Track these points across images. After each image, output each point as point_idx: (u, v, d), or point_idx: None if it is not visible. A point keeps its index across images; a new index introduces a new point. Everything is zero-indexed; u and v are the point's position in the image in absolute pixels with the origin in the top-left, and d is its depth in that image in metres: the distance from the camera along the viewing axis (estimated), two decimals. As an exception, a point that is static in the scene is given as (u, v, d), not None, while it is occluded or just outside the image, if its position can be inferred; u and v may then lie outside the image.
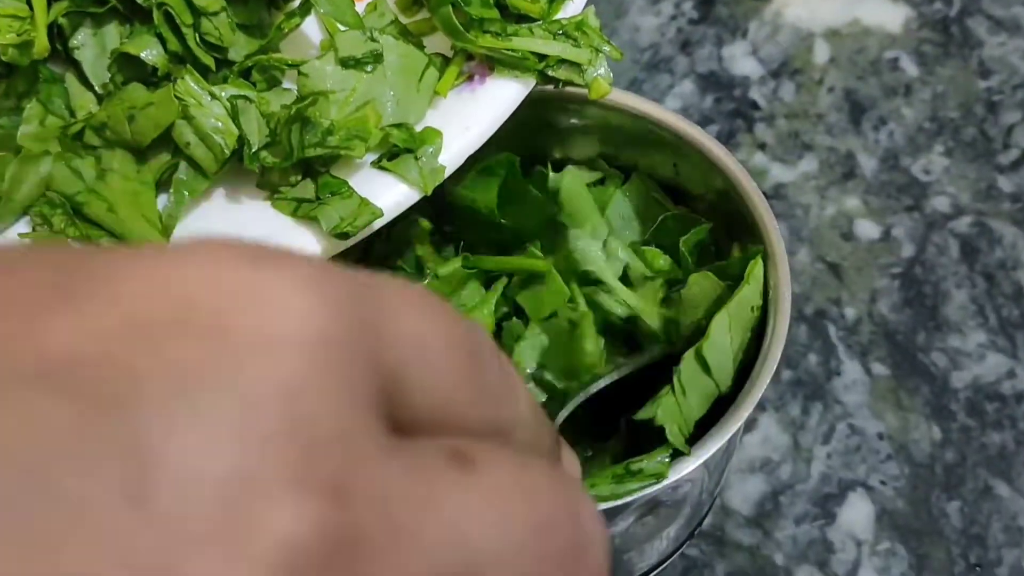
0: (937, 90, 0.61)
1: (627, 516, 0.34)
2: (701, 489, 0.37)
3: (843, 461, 0.49)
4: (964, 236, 0.55)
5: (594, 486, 0.31)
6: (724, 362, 0.35)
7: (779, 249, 0.36)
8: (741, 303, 0.35)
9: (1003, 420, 0.50)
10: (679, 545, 0.41)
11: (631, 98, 0.40)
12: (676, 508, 0.36)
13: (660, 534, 0.38)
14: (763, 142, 0.59)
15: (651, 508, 0.34)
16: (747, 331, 0.36)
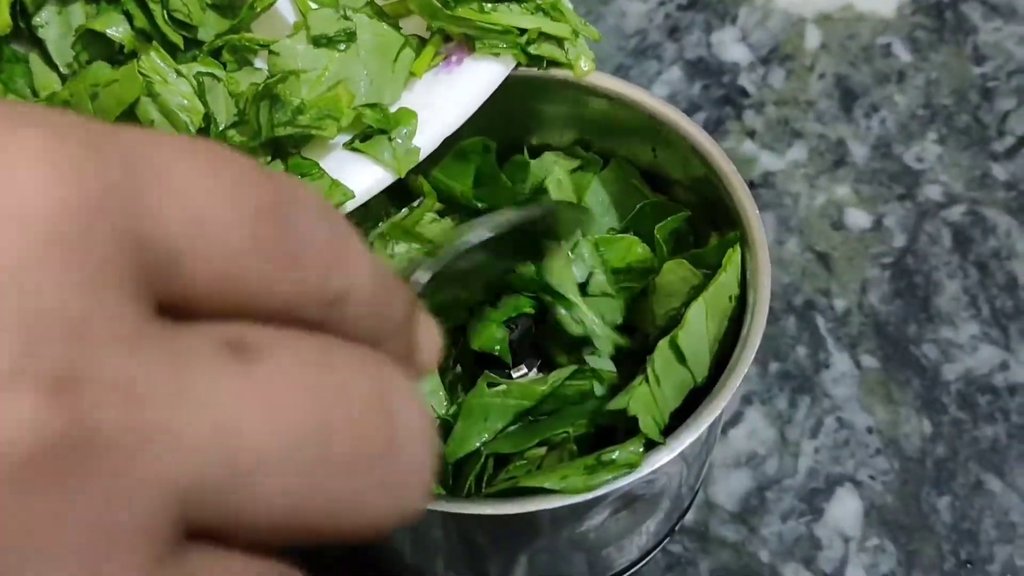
0: (930, 76, 0.59)
1: (601, 510, 0.32)
2: (680, 482, 0.36)
3: (831, 455, 0.48)
4: (957, 225, 0.54)
5: (565, 478, 0.30)
6: (700, 352, 0.34)
7: (759, 236, 0.34)
8: (718, 291, 0.34)
9: (995, 413, 0.48)
10: (660, 540, 0.40)
11: (609, 80, 0.38)
12: (654, 502, 0.35)
13: (639, 528, 0.37)
14: (752, 129, 0.58)
15: (627, 502, 0.33)
16: (724, 320, 0.34)
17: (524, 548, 0.35)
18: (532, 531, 0.33)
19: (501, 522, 0.32)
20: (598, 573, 0.39)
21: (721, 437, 0.48)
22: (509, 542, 0.34)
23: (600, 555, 0.37)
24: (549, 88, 0.39)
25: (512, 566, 0.36)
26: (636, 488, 0.33)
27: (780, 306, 0.51)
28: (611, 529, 0.35)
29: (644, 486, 0.33)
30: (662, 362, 0.33)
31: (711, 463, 0.47)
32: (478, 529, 0.33)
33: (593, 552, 0.37)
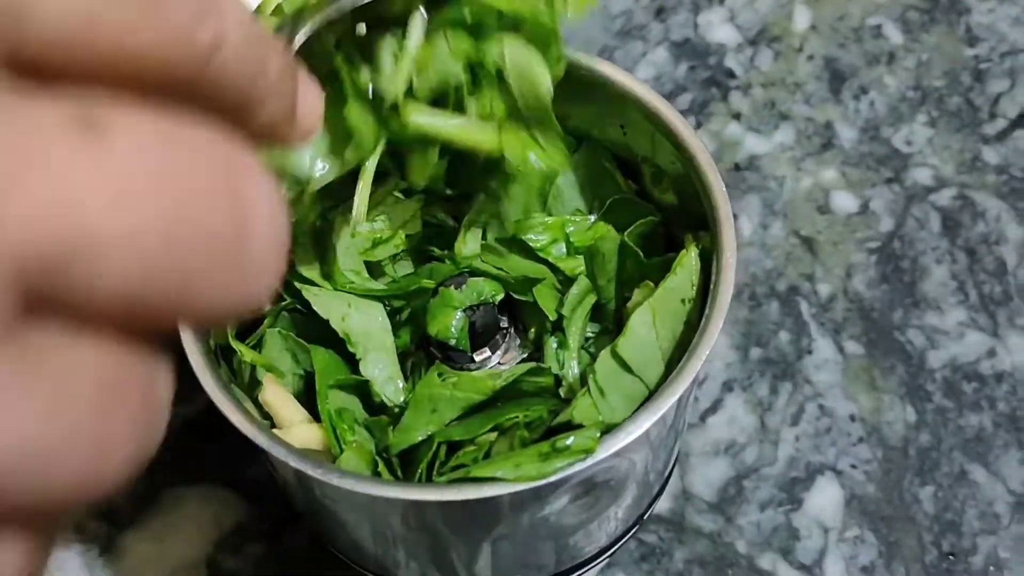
0: (922, 58, 0.58)
1: (559, 496, 0.31)
2: (646, 468, 0.35)
3: (812, 444, 0.46)
4: (946, 209, 0.53)
5: (518, 466, 0.29)
6: (649, 358, 0.32)
7: (726, 225, 0.33)
8: (666, 296, 0.33)
9: (981, 401, 0.47)
10: (631, 527, 0.39)
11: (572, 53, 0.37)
12: (618, 488, 0.34)
13: (605, 515, 0.35)
14: (738, 112, 0.56)
15: (588, 488, 0.32)
16: (680, 323, 0.33)
17: (483, 536, 0.33)
18: (489, 518, 0.32)
19: (454, 509, 0.31)
20: (566, 560, 0.38)
21: (700, 424, 0.47)
22: (466, 530, 0.33)
23: (567, 542, 0.36)
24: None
25: (475, 555, 0.35)
26: (597, 475, 0.32)
27: (763, 291, 0.50)
28: (575, 515, 0.34)
29: (605, 472, 0.32)
30: (604, 372, 0.32)
31: (688, 452, 0.46)
32: (431, 516, 0.32)
33: (559, 539, 0.36)
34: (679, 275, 0.33)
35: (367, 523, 0.34)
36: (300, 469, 0.29)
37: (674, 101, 0.57)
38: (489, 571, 0.36)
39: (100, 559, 0.44)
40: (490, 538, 0.34)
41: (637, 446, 0.32)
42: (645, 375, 0.32)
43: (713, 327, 0.31)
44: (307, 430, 0.34)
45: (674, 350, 0.33)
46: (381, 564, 0.37)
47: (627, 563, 0.44)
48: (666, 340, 0.33)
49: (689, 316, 0.33)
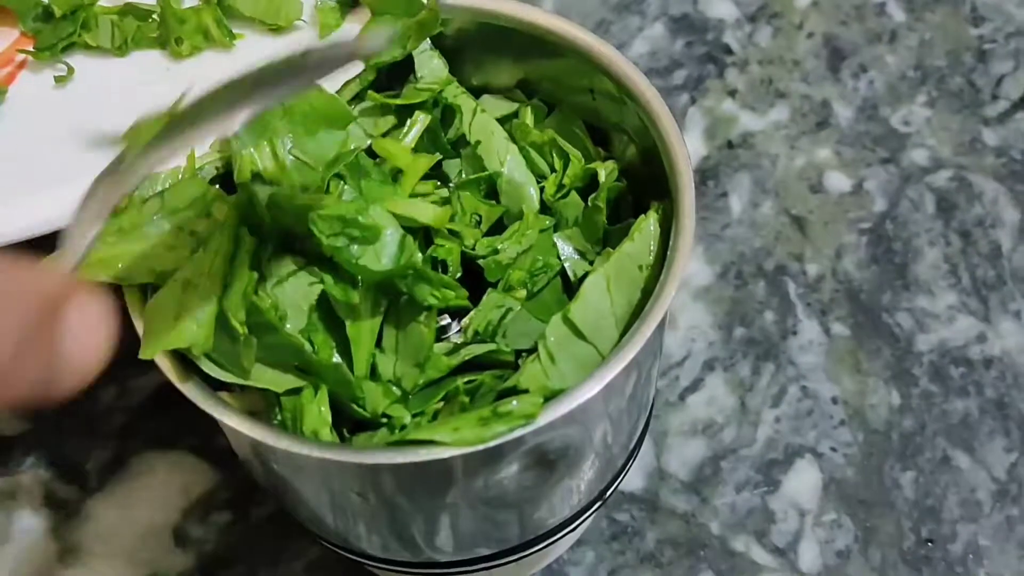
0: (924, 37, 0.57)
1: (506, 464, 0.30)
2: (606, 440, 0.34)
3: (792, 426, 0.45)
4: (941, 191, 0.51)
5: (457, 430, 0.28)
6: (604, 325, 0.31)
7: (687, 191, 0.32)
8: (622, 261, 0.32)
9: (968, 387, 0.46)
10: (595, 499, 0.38)
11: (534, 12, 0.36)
12: (574, 459, 0.33)
13: (566, 486, 0.35)
14: (734, 88, 0.55)
15: (539, 457, 0.31)
16: (636, 290, 0.32)
17: (437, 505, 0.33)
18: (437, 484, 0.31)
19: (397, 474, 0.30)
20: (529, 532, 0.37)
21: (679, 403, 0.46)
22: (417, 497, 0.32)
23: (528, 513, 0.35)
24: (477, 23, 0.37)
25: (434, 526, 0.35)
26: (547, 443, 0.31)
27: (750, 270, 0.49)
28: (531, 485, 0.33)
29: (556, 440, 0.31)
30: (556, 338, 0.31)
31: (665, 431, 0.45)
32: (375, 481, 0.31)
33: (520, 509, 0.35)
34: (636, 241, 0.32)
35: (318, 491, 0.34)
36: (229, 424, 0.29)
37: (669, 77, 0.56)
38: (451, 544, 0.36)
39: (67, 523, 0.44)
40: (445, 507, 0.33)
41: (588, 415, 0.31)
42: (598, 342, 0.31)
43: (667, 293, 0.30)
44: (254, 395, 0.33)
45: (631, 317, 0.32)
46: (344, 538, 0.37)
47: (597, 541, 0.43)
48: (621, 307, 0.32)
49: (647, 283, 0.32)
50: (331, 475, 0.32)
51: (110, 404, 0.46)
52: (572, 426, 0.31)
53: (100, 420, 0.46)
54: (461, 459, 0.29)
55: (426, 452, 0.28)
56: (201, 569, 0.43)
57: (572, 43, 0.35)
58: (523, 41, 0.37)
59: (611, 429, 0.34)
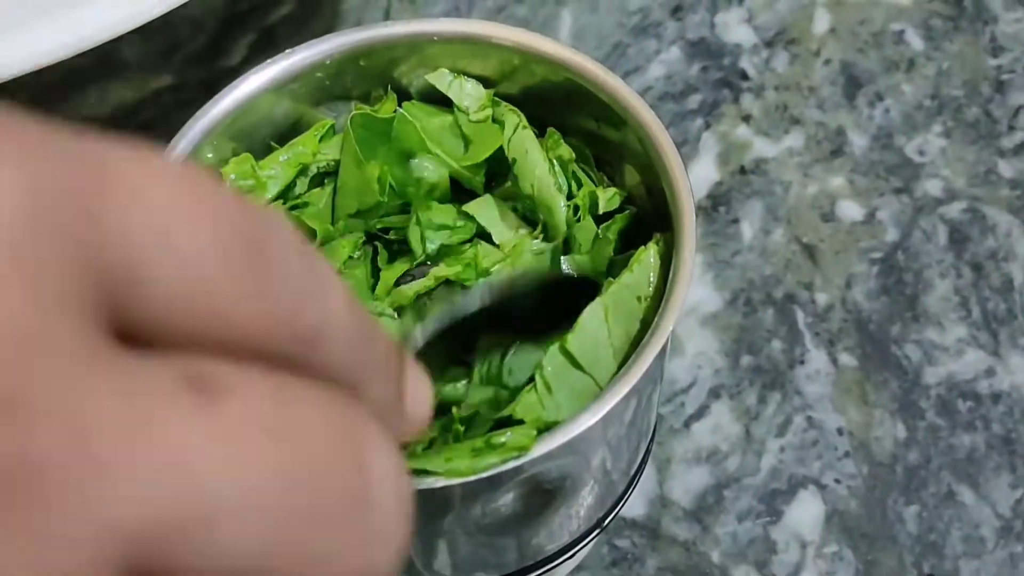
0: (942, 66, 0.57)
1: (502, 493, 0.31)
2: (605, 468, 0.34)
3: (797, 456, 0.45)
4: (954, 222, 0.51)
5: (449, 460, 0.29)
6: (601, 356, 0.32)
7: (687, 222, 0.32)
8: (621, 292, 0.32)
9: (976, 421, 0.46)
10: (594, 526, 0.38)
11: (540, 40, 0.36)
12: (573, 487, 0.33)
13: (564, 513, 0.35)
14: (748, 114, 0.55)
15: (534, 487, 0.31)
16: (635, 322, 0.32)
17: (434, 530, 0.33)
18: (431, 511, 0.31)
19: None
20: (528, 558, 0.37)
21: (683, 430, 0.46)
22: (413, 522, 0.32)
23: (527, 539, 0.35)
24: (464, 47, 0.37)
25: (432, 550, 0.35)
26: (543, 473, 0.31)
27: (759, 298, 0.49)
28: (528, 514, 0.33)
29: (553, 470, 0.31)
30: (554, 368, 0.31)
31: (669, 457, 0.45)
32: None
33: (518, 536, 0.35)
34: (635, 272, 0.32)
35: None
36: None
37: (684, 101, 0.56)
38: (449, 567, 0.36)
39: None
40: (441, 533, 0.33)
41: (585, 445, 0.31)
42: (596, 373, 0.31)
43: (665, 326, 0.30)
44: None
45: (629, 348, 0.32)
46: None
47: (597, 568, 0.43)
48: (619, 338, 0.32)
49: (646, 315, 0.32)
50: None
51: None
52: (569, 456, 0.31)
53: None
54: (458, 488, 0.29)
55: (418, 482, 0.28)
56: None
57: (577, 71, 0.36)
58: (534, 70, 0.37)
59: (610, 457, 0.34)
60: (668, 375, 0.47)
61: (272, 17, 0.59)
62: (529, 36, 0.36)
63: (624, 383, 0.29)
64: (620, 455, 0.35)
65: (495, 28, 0.37)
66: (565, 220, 0.36)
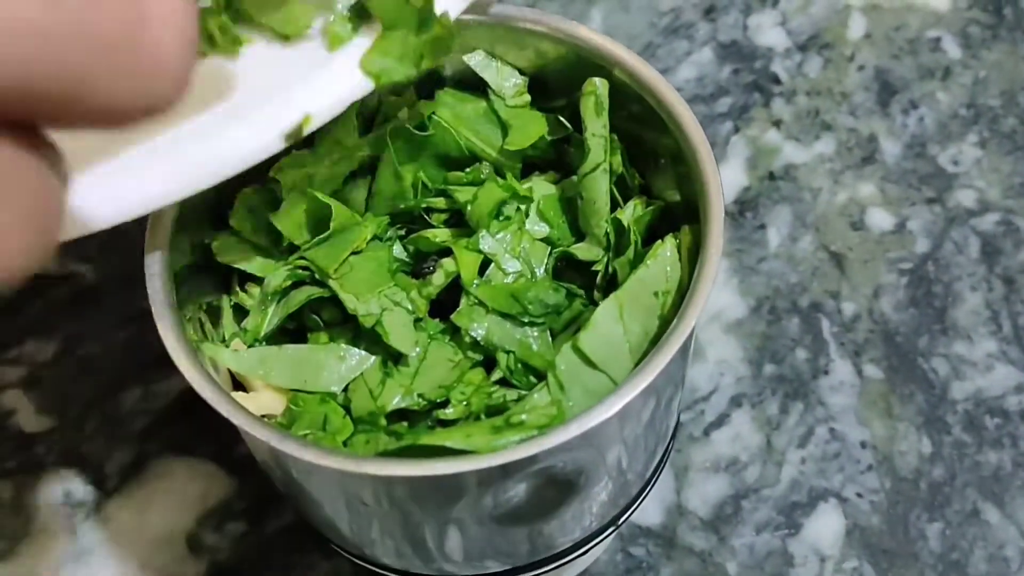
0: (979, 75, 0.55)
1: (515, 481, 0.30)
2: (619, 467, 0.33)
3: (818, 468, 0.44)
4: (987, 234, 0.50)
5: (468, 436, 0.28)
6: (616, 353, 0.31)
7: (715, 220, 0.31)
8: (637, 287, 0.31)
9: (1003, 439, 0.45)
10: (607, 525, 0.37)
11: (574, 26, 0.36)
12: (587, 482, 0.32)
13: (578, 508, 0.34)
14: (779, 119, 0.54)
15: (549, 478, 0.31)
16: (653, 318, 0.32)
17: (448, 514, 0.32)
18: (447, 496, 0.31)
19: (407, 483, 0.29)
20: (540, 550, 0.36)
21: (703, 438, 0.45)
22: (428, 506, 0.32)
23: (539, 531, 0.35)
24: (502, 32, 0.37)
25: (445, 535, 0.34)
26: (559, 464, 0.30)
27: (784, 306, 0.48)
28: (542, 505, 0.33)
29: (569, 462, 0.30)
30: (567, 366, 0.30)
31: (687, 466, 0.45)
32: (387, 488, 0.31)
33: (530, 527, 0.34)
34: (651, 267, 0.32)
35: (331, 495, 0.34)
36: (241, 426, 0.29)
37: (714, 104, 0.55)
38: (460, 553, 0.35)
39: (85, 523, 0.44)
40: (455, 517, 0.32)
41: (602, 439, 0.31)
42: (611, 370, 0.31)
43: (687, 322, 0.29)
44: (270, 396, 0.33)
45: (648, 345, 0.31)
46: (357, 544, 0.37)
47: (611, 575, 0.42)
48: (635, 335, 0.31)
49: (667, 312, 0.32)
50: (340, 481, 0.32)
51: (133, 406, 0.46)
52: (584, 449, 0.30)
53: (122, 422, 0.46)
54: (473, 475, 0.29)
55: (441, 466, 0.28)
56: (213, 577, 0.43)
57: (616, 61, 0.35)
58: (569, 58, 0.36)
59: (625, 456, 0.33)
60: (689, 382, 0.46)
61: None
62: (568, 24, 0.35)
63: (642, 378, 0.28)
64: (636, 456, 0.34)
65: (533, 14, 0.36)
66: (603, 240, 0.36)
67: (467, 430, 0.28)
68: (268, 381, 0.33)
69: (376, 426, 0.32)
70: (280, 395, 0.34)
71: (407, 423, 0.33)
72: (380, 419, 0.32)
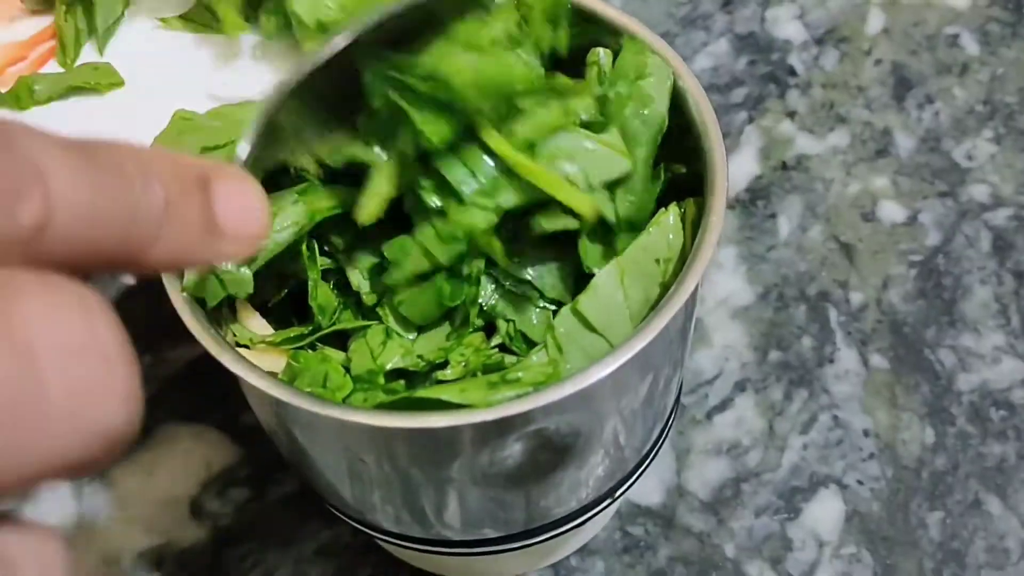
0: (996, 72, 0.55)
1: (512, 440, 0.30)
2: (616, 439, 0.33)
3: (820, 454, 0.44)
4: (999, 229, 0.50)
5: (464, 391, 0.28)
6: (616, 318, 0.31)
7: (719, 190, 0.32)
8: (638, 254, 0.31)
9: (1008, 431, 0.45)
10: (603, 496, 0.37)
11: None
12: (582, 449, 0.32)
13: (573, 476, 0.34)
14: (793, 110, 0.54)
15: (543, 440, 0.31)
16: (654, 285, 0.32)
17: (444, 474, 0.32)
18: (444, 453, 0.31)
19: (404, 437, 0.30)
20: (536, 519, 0.37)
21: (705, 422, 0.45)
22: (424, 466, 0.32)
23: (535, 499, 0.35)
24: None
25: (443, 500, 0.34)
26: (552, 428, 0.30)
27: (792, 294, 0.48)
28: (538, 469, 0.33)
29: (564, 425, 0.30)
30: (566, 329, 0.31)
31: (689, 448, 0.45)
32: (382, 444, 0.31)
33: (528, 494, 0.34)
34: (652, 234, 0.32)
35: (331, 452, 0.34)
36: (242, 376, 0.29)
37: (729, 94, 0.55)
38: (458, 519, 0.35)
39: (89, 486, 0.44)
40: (452, 477, 0.33)
41: (595, 402, 0.31)
42: (610, 335, 0.31)
43: (686, 286, 0.29)
44: (272, 358, 0.33)
45: (649, 311, 0.32)
46: (358, 509, 0.37)
47: (609, 552, 0.43)
48: (636, 301, 0.31)
49: (667, 279, 0.32)
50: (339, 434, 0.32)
51: (143, 372, 0.47)
52: (580, 411, 0.30)
53: (131, 388, 0.46)
54: (468, 430, 0.29)
55: (435, 419, 0.28)
56: (214, 542, 0.43)
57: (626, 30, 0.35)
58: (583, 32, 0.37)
59: (623, 428, 0.34)
60: (694, 365, 0.47)
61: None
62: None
63: (639, 340, 0.29)
64: (633, 430, 0.35)
65: None
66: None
67: (463, 385, 0.29)
68: None
69: (374, 384, 0.32)
70: (281, 355, 0.34)
71: (405, 382, 0.33)
72: (379, 377, 0.32)
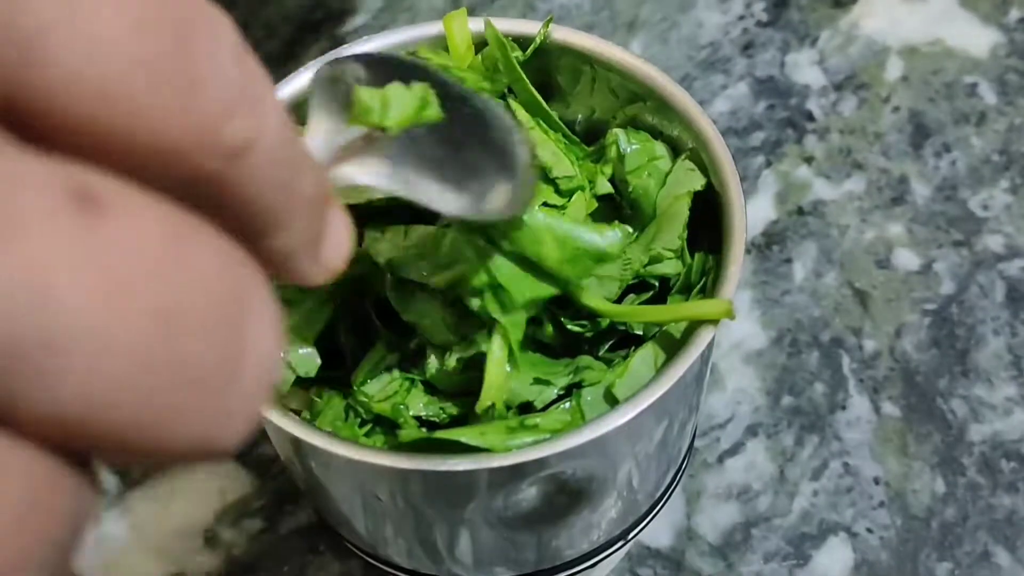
0: (1014, 122, 0.56)
1: (527, 484, 0.31)
2: (630, 483, 0.34)
3: (830, 501, 0.45)
4: (1013, 280, 0.50)
5: (483, 435, 0.29)
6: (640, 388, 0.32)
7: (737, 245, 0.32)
8: (666, 335, 0.32)
9: (1018, 483, 0.45)
10: (615, 539, 0.38)
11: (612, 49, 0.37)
12: (596, 494, 0.33)
13: (586, 519, 0.35)
14: (811, 156, 0.55)
15: (558, 484, 0.31)
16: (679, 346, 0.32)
17: (458, 514, 0.33)
18: (459, 495, 0.31)
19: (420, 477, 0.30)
20: (547, 560, 0.37)
21: (716, 465, 0.46)
22: (438, 507, 0.32)
23: (548, 540, 0.35)
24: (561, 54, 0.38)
25: (455, 537, 0.35)
26: (567, 472, 0.31)
27: (805, 339, 0.49)
28: (551, 513, 0.33)
29: (579, 470, 0.31)
30: (593, 399, 0.31)
31: (700, 491, 0.45)
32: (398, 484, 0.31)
33: (540, 535, 0.35)
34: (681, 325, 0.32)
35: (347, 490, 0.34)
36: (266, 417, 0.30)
37: (747, 137, 0.56)
38: (471, 558, 0.36)
39: (108, 512, 0.45)
40: (466, 517, 0.33)
41: (611, 449, 0.31)
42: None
43: (703, 336, 0.30)
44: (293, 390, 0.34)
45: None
46: (371, 543, 0.37)
47: (617, 594, 0.43)
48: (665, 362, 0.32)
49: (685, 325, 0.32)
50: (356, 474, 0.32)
51: (161, 402, 0.47)
52: (596, 457, 0.31)
53: (149, 416, 0.47)
54: (484, 474, 0.30)
55: (453, 463, 0.28)
56: (228, 572, 0.44)
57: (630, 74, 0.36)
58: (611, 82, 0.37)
59: (637, 472, 0.34)
60: (706, 409, 0.47)
61: (347, 27, 0.60)
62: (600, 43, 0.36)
63: (657, 387, 0.29)
64: (647, 474, 0.35)
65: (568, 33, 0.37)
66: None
67: (482, 428, 0.29)
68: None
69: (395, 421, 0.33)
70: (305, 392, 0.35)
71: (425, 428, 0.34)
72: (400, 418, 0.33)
